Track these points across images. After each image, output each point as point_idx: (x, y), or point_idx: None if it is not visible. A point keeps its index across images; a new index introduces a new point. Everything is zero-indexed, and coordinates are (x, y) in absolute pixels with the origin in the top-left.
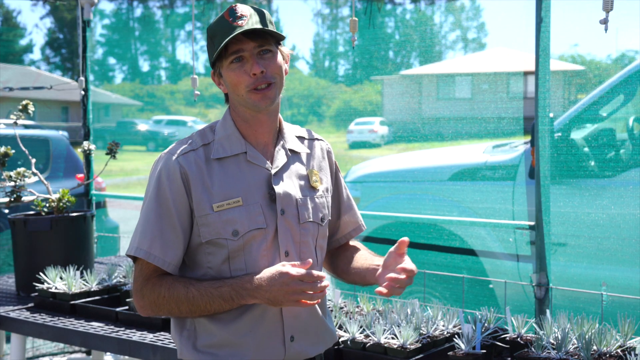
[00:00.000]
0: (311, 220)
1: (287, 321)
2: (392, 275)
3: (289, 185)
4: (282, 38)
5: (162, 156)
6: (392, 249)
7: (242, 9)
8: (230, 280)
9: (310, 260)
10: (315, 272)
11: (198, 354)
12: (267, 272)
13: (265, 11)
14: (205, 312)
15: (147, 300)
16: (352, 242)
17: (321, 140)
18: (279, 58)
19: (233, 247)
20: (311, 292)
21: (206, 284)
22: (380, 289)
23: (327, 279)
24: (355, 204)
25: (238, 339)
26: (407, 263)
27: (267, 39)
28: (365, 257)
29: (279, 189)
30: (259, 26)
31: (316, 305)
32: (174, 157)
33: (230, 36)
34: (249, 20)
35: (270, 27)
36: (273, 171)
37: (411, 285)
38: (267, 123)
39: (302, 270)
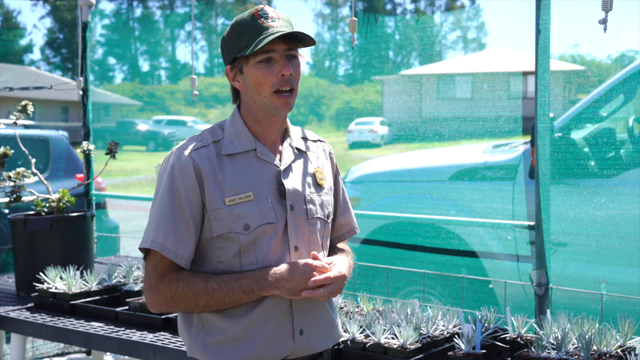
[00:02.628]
0: (319, 216)
1: (296, 315)
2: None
3: (297, 182)
4: (314, 44)
5: (174, 152)
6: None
7: (271, 10)
8: (249, 272)
9: (316, 253)
10: (328, 268)
11: (208, 351)
12: (286, 265)
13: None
14: (222, 306)
15: (163, 296)
16: (341, 245)
17: (323, 142)
18: (302, 65)
19: (244, 241)
20: (329, 284)
21: (225, 277)
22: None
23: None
24: (355, 204)
25: (248, 333)
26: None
27: (297, 44)
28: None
29: (288, 184)
30: (288, 30)
31: (325, 301)
32: (186, 152)
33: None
34: (279, 22)
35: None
36: (282, 168)
37: (410, 283)
38: (278, 123)
39: (321, 263)
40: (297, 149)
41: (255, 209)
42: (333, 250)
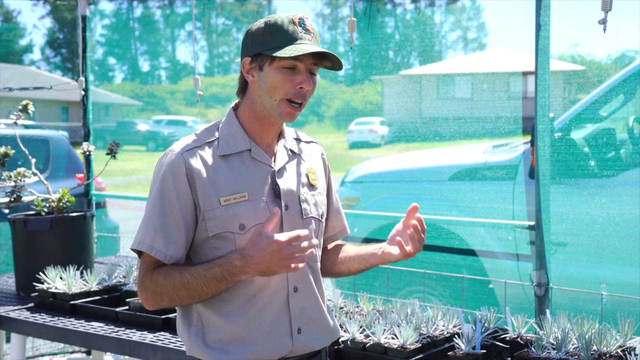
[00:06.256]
0: (313, 215)
1: (294, 313)
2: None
3: (291, 182)
4: (340, 69)
5: (167, 152)
6: (399, 223)
7: (309, 22)
8: (219, 260)
9: (278, 210)
10: (298, 231)
11: (208, 350)
12: (253, 245)
13: None
14: (204, 295)
15: (149, 292)
16: (335, 243)
17: (316, 143)
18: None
19: (240, 241)
20: (300, 254)
21: (198, 267)
22: (400, 239)
23: (314, 239)
24: (355, 204)
25: (246, 332)
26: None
27: (323, 62)
28: (358, 247)
29: (282, 185)
30: (319, 47)
31: (320, 299)
32: (179, 154)
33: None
34: (314, 37)
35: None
36: (276, 168)
37: (410, 283)
38: (276, 126)
39: (288, 234)
40: (291, 150)
41: (250, 209)
42: (328, 249)
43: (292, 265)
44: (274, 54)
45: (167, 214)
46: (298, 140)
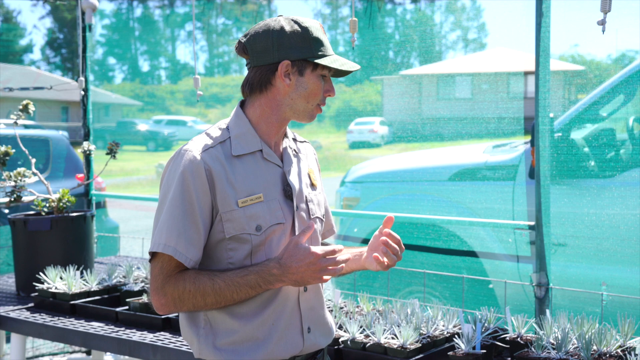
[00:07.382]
0: (318, 215)
1: (304, 313)
2: (384, 239)
3: (298, 182)
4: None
5: (182, 153)
6: (377, 232)
7: None
8: (254, 267)
9: (313, 223)
10: (334, 246)
11: (219, 353)
12: (290, 256)
13: None
14: (230, 302)
15: (170, 297)
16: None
17: (307, 142)
18: None
19: (256, 242)
20: (333, 267)
21: (230, 274)
22: (376, 254)
23: (345, 252)
24: (355, 204)
25: (260, 333)
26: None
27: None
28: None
29: (293, 185)
30: (352, 62)
31: (323, 298)
32: (197, 154)
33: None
34: None
35: None
36: (285, 168)
37: (410, 284)
38: (285, 126)
39: (324, 248)
40: (294, 150)
41: (265, 209)
42: None
43: (324, 277)
44: (326, 64)
45: (188, 216)
46: (295, 140)
